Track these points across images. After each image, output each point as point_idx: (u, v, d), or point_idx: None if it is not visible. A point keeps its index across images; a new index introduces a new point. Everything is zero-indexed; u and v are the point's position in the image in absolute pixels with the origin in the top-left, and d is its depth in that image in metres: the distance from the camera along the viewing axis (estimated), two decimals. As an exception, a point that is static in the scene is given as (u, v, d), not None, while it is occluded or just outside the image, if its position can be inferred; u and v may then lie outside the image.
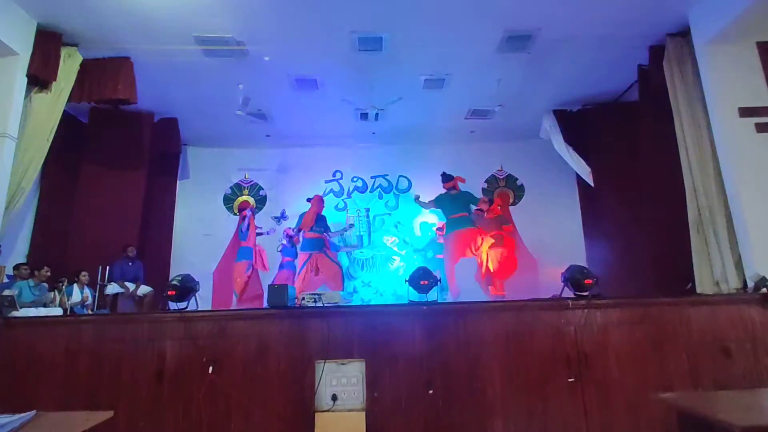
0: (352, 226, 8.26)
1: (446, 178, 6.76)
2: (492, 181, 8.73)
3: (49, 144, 5.09)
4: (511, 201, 8.59)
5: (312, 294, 3.65)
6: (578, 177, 7.54)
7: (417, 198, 6.90)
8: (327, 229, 7.15)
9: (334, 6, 4.88)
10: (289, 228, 7.37)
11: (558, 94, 7.06)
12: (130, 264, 6.27)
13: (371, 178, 8.80)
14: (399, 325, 3.25)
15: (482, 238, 6.42)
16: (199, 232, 8.13)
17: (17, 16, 4.76)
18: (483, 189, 8.61)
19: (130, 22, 5.03)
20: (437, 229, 7.39)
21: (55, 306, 4.69)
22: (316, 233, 6.93)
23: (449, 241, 6.53)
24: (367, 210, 8.67)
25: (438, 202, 6.70)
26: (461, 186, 6.77)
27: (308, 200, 7.17)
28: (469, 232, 6.43)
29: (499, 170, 8.75)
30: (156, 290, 6.22)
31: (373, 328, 3.22)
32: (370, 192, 8.75)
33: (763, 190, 4.44)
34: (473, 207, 6.70)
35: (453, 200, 6.61)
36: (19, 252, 5.87)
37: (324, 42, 5.53)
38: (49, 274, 5.11)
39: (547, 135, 7.57)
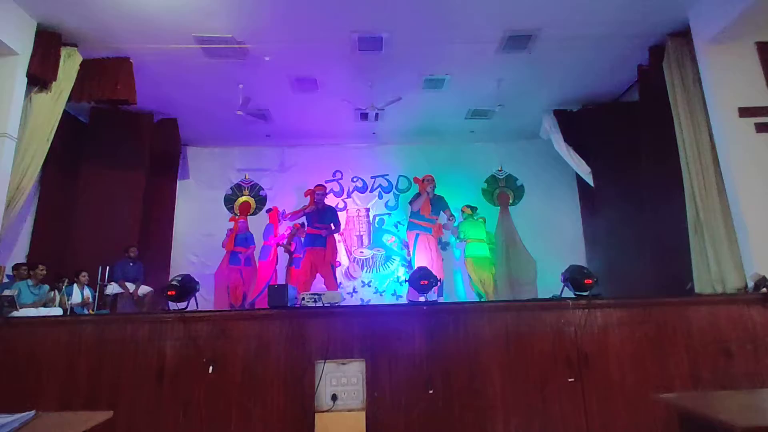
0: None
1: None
2: (492, 181, 8.72)
3: (49, 144, 5.09)
4: (510, 201, 8.59)
5: (312, 294, 3.65)
6: (578, 177, 7.54)
7: None
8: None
9: (334, 6, 4.88)
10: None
11: (558, 94, 7.06)
12: (131, 264, 6.27)
13: (371, 178, 8.78)
14: (399, 325, 3.24)
15: None
16: (199, 232, 8.13)
17: (17, 16, 4.76)
18: (483, 189, 8.61)
19: (130, 22, 5.03)
20: None
21: (55, 306, 4.69)
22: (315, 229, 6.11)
23: None
24: (367, 210, 8.67)
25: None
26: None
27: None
28: None
29: (499, 170, 8.74)
30: (156, 290, 6.22)
31: (373, 328, 3.21)
32: (370, 192, 8.74)
33: (763, 190, 4.44)
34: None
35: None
36: (19, 252, 5.86)
37: (324, 42, 5.52)
38: (45, 272, 5.08)
39: (547, 135, 7.57)
